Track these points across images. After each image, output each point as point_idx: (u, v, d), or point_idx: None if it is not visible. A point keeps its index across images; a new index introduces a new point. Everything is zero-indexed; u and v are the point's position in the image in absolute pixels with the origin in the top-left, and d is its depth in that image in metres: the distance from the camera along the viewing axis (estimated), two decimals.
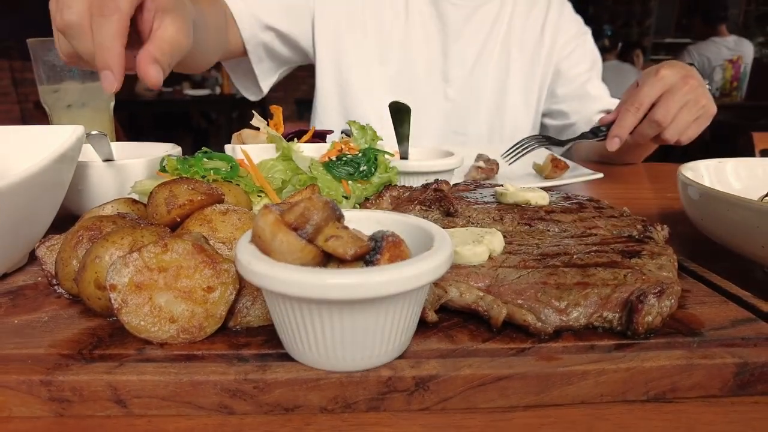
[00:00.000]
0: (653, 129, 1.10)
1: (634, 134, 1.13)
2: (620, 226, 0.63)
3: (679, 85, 1.07)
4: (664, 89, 1.07)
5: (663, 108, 1.07)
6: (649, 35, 8.47)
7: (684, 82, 1.06)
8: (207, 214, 0.53)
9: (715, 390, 0.42)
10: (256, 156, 0.80)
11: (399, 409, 0.41)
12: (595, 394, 0.41)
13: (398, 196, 0.71)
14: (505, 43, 1.58)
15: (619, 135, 1.11)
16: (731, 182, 0.79)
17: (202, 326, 0.44)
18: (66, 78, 1.17)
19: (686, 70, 1.10)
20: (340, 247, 0.39)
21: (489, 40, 1.57)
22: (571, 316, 0.46)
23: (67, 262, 0.50)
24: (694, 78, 1.08)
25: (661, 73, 1.08)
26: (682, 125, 1.09)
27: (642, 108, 1.09)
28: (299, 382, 0.40)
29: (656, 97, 1.08)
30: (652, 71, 1.11)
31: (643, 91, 1.09)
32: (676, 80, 1.07)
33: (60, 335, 0.46)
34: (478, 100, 1.59)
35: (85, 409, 0.40)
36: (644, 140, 1.15)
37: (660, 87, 1.07)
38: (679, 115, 1.08)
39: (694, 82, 1.07)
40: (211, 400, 0.40)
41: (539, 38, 1.59)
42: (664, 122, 1.08)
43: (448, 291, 0.49)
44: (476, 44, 1.56)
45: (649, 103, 1.09)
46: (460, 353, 0.43)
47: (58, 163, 0.60)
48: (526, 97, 1.62)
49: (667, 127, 1.09)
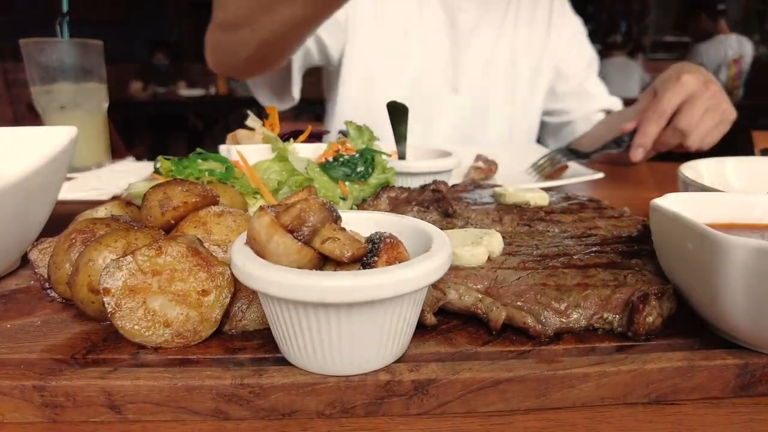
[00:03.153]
0: (677, 137, 1.08)
1: (657, 143, 1.11)
2: (621, 226, 0.62)
3: (701, 91, 1.04)
4: (686, 96, 1.05)
5: (687, 115, 1.05)
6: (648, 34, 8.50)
7: (706, 88, 1.04)
8: (202, 216, 0.52)
9: (717, 392, 0.42)
10: (251, 157, 0.79)
11: (397, 414, 0.40)
12: (596, 397, 0.41)
13: (396, 197, 0.70)
14: (512, 46, 1.58)
15: (644, 144, 1.09)
16: (731, 181, 0.79)
17: (197, 330, 0.44)
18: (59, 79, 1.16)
19: (705, 75, 1.08)
20: (337, 249, 0.38)
21: (496, 45, 1.57)
22: (571, 318, 0.46)
23: (60, 265, 0.49)
24: (714, 83, 1.06)
25: (682, 79, 1.05)
26: (704, 132, 1.07)
27: (665, 116, 1.07)
28: (296, 386, 0.39)
29: (678, 104, 1.06)
30: (672, 77, 1.08)
31: (665, 98, 1.06)
32: (698, 86, 1.05)
33: (53, 340, 0.45)
34: (487, 106, 1.59)
35: (78, 415, 0.39)
36: (667, 148, 1.12)
37: (682, 94, 1.05)
38: (702, 121, 1.06)
39: (715, 87, 1.05)
40: (207, 406, 0.39)
41: (544, 39, 1.59)
42: (688, 130, 1.06)
43: (447, 293, 0.48)
44: (484, 51, 1.56)
45: (672, 110, 1.06)
46: (459, 356, 0.43)
47: (51, 166, 0.59)
48: (534, 99, 1.62)
49: (690, 134, 1.07)
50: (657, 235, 0.49)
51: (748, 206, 0.52)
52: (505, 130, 1.61)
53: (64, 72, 1.15)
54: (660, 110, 1.07)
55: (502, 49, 1.57)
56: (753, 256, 0.37)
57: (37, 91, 1.17)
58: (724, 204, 0.52)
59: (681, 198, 0.51)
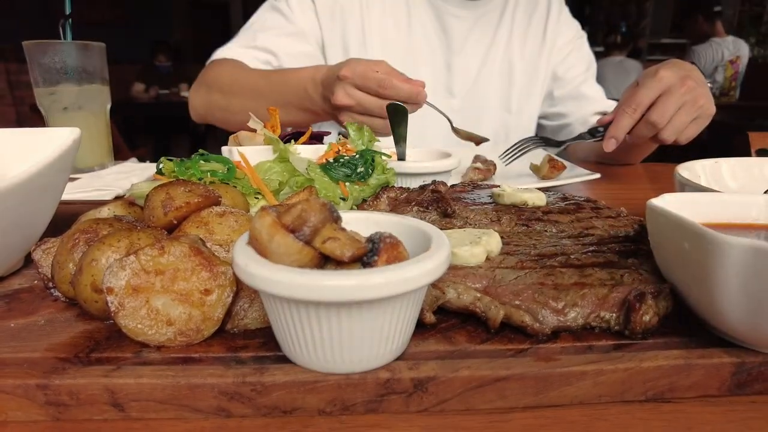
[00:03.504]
0: (649, 130, 1.10)
1: (632, 135, 1.13)
2: (617, 226, 0.63)
3: (676, 86, 1.06)
4: (661, 90, 1.07)
5: (659, 109, 1.07)
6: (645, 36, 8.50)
7: (681, 83, 1.06)
8: (204, 216, 0.53)
9: (713, 390, 0.43)
10: (253, 158, 0.80)
11: (397, 411, 0.40)
12: (593, 394, 0.41)
13: (396, 197, 0.71)
14: (507, 51, 1.58)
15: (616, 136, 1.11)
16: (727, 182, 0.80)
17: (200, 329, 0.44)
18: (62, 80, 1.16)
19: (685, 70, 1.09)
20: (338, 249, 0.39)
21: (491, 50, 1.57)
22: (568, 317, 0.46)
23: (63, 265, 0.50)
24: (692, 79, 1.07)
25: (659, 74, 1.07)
26: (680, 126, 1.09)
27: (639, 109, 1.09)
28: (297, 384, 0.39)
29: (654, 98, 1.08)
30: (651, 72, 1.10)
31: (641, 92, 1.08)
32: (674, 81, 1.07)
33: (56, 339, 0.46)
34: (482, 110, 1.59)
35: (82, 413, 0.39)
36: (641, 141, 1.15)
37: (658, 88, 1.07)
38: (677, 116, 1.08)
39: (692, 83, 1.07)
40: (209, 403, 0.39)
41: (540, 43, 1.59)
42: (659, 124, 1.08)
43: (446, 292, 0.49)
44: (479, 55, 1.56)
45: (647, 104, 1.08)
46: (458, 354, 0.43)
47: (55, 166, 0.60)
48: (529, 103, 1.62)
49: (663, 128, 1.09)
50: (653, 234, 0.49)
51: (744, 206, 0.53)
52: (501, 133, 1.61)
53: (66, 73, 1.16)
54: (635, 103, 1.09)
55: (497, 54, 1.57)
56: (749, 256, 0.37)
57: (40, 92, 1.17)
58: (721, 204, 0.53)
59: (677, 198, 0.51)
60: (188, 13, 8.21)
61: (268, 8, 1.49)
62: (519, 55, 1.58)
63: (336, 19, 1.48)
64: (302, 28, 1.46)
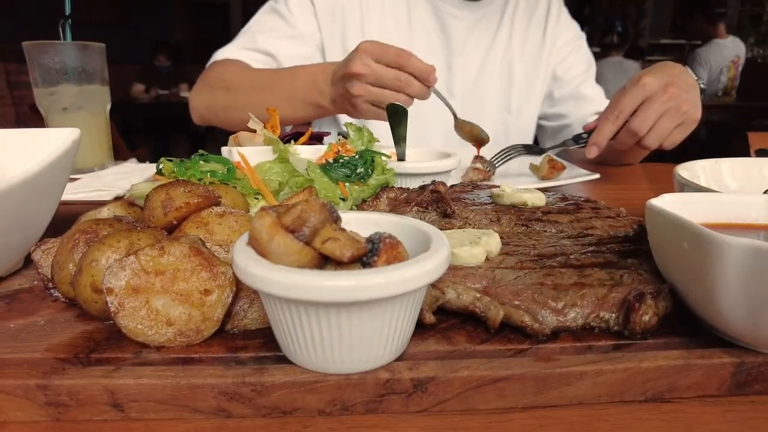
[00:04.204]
0: (631, 138, 1.10)
1: (615, 141, 1.13)
2: (617, 226, 0.63)
3: (658, 94, 1.05)
4: (644, 97, 1.06)
5: (640, 117, 1.07)
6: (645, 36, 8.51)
7: (663, 91, 1.05)
8: (204, 216, 0.53)
9: (713, 390, 0.43)
10: (252, 158, 0.80)
11: (397, 411, 0.41)
12: (593, 394, 0.41)
13: (395, 197, 0.71)
14: (507, 52, 1.58)
15: (598, 143, 1.11)
16: (727, 182, 0.80)
17: (200, 329, 0.44)
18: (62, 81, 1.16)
19: (671, 75, 1.08)
20: (337, 249, 0.39)
21: (491, 50, 1.57)
22: (568, 317, 0.46)
23: (63, 265, 0.50)
24: (675, 85, 1.06)
25: (642, 80, 1.07)
26: (663, 132, 1.08)
27: (622, 116, 1.08)
28: (297, 384, 0.39)
29: (636, 105, 1.07)
30: (635, 79, 1.09)
31: (624, 99, 1.08)
32: (656, 88, 1.06)
33: (56, 339, 0.46)
34: (482, 111, 1.59)
35: (81, 414, 0.40)
36: (624, 147, 1.14)
37: (641, 95, 1.06)
38: (659, 122, 1.07)
39: (674, 90, 1.05)
40: (209, 404, 0.40)
41: (540, 44, 1.59)
42: (640, 131, 1.07)
43: (446, 292, 0.49)
44: (479, 56, 1.56)
45: (629, 111, 1.08)
46: (457, 355, 0.43)
47: (54, 167, 0.60)
48: (529, 104, 1.62)
49: (646, 135, 1.08)
50: (653, 235, 0.49)
51: (743, 206, 0.53)
52: (501, 134, 1.61)
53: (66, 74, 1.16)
54: (617, 111, 1.08)
55: (497, 55, 1.57)
56: (748, 256, 0.37)
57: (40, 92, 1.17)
58: (720, 204, 0.53)
59: (677, 198, 0.51)
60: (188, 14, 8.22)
61: (268, 10, 1.49)
62: (519, 55, 1.58)
63: (336, 20, 1.49)
64: (302, 30, 1.47)
